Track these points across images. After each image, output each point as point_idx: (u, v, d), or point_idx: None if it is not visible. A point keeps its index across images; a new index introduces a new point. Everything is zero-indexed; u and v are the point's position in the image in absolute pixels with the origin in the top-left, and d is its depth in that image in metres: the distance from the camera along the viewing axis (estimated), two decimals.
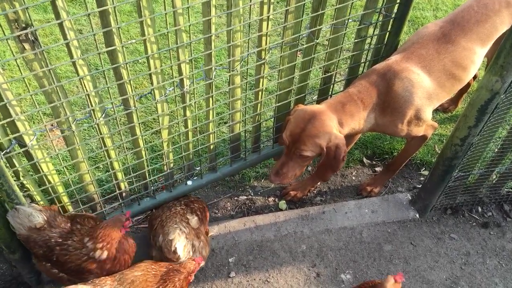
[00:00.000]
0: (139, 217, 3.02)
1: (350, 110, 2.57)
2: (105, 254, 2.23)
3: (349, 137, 2.81)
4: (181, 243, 2.37)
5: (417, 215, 3.08)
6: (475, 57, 2.76)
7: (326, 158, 2.52)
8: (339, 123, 2.55)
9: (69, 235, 2.24)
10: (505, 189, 3.10)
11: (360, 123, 2.64)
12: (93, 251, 2.21)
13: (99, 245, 2.21)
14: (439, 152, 2.90)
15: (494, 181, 3.02)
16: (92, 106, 2.08)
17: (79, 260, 2.22)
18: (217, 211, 3.13)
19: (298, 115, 2.54)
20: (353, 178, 3.37)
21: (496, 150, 2.83)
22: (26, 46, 1.74)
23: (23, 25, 1.68)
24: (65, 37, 1.79)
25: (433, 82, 2.67)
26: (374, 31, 2.82)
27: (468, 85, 3.51)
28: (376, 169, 3.42)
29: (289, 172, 2.59)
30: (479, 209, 3.16)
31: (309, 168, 3.37)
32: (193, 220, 2.54)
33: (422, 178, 3.36)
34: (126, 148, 3.23)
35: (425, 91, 2.64)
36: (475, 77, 3.52)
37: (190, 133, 2.56)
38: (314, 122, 2.47)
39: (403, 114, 2.64)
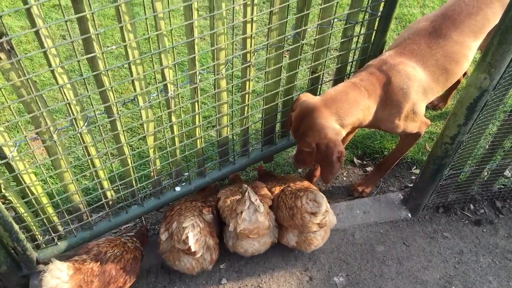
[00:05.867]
0: (128, 225, 2.97)
1: (354, 98, 2.48)
2: None
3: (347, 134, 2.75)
4: (194, 234, 2.38)
5: (409, 215, 3.05)
6: (467, 51, 2.73)
7: (318, 157, 2.48)
8: (341, 115, 2.45)
9: None
10: (497, 186, 3.09)
11: (364, 113, 2.54)
12: None
13: None
14: (429, 150, 2.87)
15: (485, 178, 3.00)
16: (73, 114, 2.02)
17: None
18: None
19: (297, 112, 2.53)
20: (344, 178, 3.34)
21: (487, 147, 2.81)
22: (2, 55, 1.68)
23: None
24: (42, 45, 1.74)
25: (428, 76, 2.64)
26: (360, 30, 2.78)
27: (458, 81, 3.49)
28: (367, 169, 3.39)
29: (305, 159, 2.63)
30: (471, 206, 3.14)
31: (300, 170, 3.33)
32: (208, 216, 2.60)
33: (413, 177, 3.33)
34: (112, 155, 3.17)
35: (421, 85, 2.61)
36: (464, 74, 3.50)
37: (176, 139, 2.51)
38: (305, 120, 2.43)
39: (401, 108, 2.60)
